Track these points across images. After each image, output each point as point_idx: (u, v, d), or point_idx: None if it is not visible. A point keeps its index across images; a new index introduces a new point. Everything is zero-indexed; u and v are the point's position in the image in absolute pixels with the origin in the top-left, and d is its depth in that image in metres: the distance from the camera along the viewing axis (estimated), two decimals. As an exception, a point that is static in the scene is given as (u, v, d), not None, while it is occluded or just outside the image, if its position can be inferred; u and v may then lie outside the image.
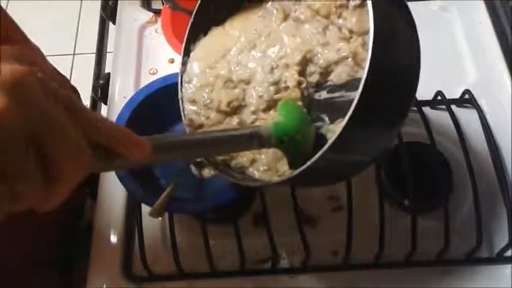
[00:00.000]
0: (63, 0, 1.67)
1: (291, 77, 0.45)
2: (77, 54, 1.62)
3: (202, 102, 0.49)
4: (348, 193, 0.55)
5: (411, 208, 0.55)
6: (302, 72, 0.46)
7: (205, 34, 0.52)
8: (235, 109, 0.48)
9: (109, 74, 0.72)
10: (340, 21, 0.44)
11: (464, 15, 0.73)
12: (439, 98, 0.64)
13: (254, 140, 0.42)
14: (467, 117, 0.64)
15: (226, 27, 0.51)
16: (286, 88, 0.46)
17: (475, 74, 0.68)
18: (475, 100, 0.64)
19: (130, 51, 0.73)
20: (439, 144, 0.60)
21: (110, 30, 0.79)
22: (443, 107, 0.64)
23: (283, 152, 0.44)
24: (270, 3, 0.49)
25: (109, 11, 0.78)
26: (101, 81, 0.72)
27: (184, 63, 0.52)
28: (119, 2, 0.78)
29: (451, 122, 0.61)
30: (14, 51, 0.53)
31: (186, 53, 0.52)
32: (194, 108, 0.50)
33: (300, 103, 0.46)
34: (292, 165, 0.44)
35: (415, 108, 0.64)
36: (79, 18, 1.74)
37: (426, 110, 0.64)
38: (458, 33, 0.72)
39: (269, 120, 0.46)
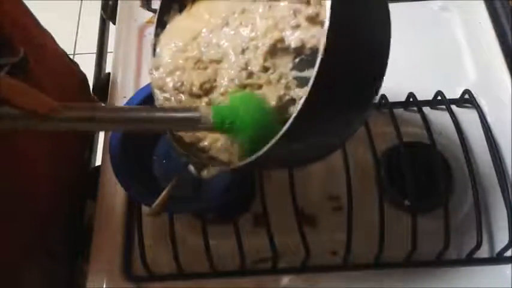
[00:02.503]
0: (63, 0, 1.67)
1: (256, 62, 0.44)
2: (77, 54, 1.62)
3: (172, 86, 0.48)
4: (348, 193, 0.55)
5: (411, 208, 0.55)
6: (273, 54, 0.44)
7: (179, 5, 0.51)
8: (207, 91, 0.47)
9: (109, 74, 0.72)
10: (310, 10, 0.43)
11: (464, 15, 0.73)
12: (439, 98, 0.64)
13: (194, 122, 0.41)
14: (467, 117, 0.64)
15: (193, 11, 0.50)
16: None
17: (475, 74, 0.68)
18: (475, 100, 0.64)
19: (131, 51, 0.73)
20: (439, 144, 0.60)
21: (110, 30, 0.79)
22: (443, 107, 0.64)
23: (230, 137, 0.44)
24: None
25: (109, 11, 0.78)
26: (101, 81, 0.72)
27: (157, 35, 0.51)
28: (119, 2, 0.78)
29: (451, 122, 0.61)
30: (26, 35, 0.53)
31: (160, 25, 0.51)
32: (165, 95, 0.48)
33: (266, 91, 0.44)
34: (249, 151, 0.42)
35: (415, 108, 0.64)
36: (79, 18, 1.74)
37: (426, 110, 0.64)
38: (458, 33, 0.72)
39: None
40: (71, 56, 0.72)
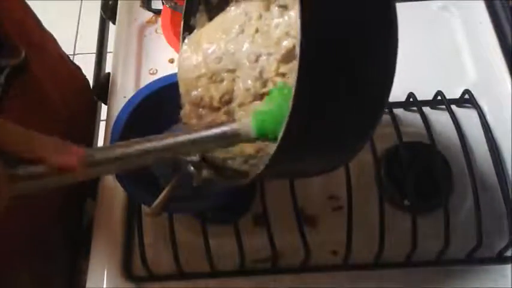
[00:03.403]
0: (63, 0, 1.67)
1: (270, 69, 0.44)
2: (77, 54, 1.62)
3: (191, 102, 0.48)
4: (348, 193, 0.55)
5: (411, 208, 0.55)
6: (287, 61, 0.43)
7: (204, 6, 0.50)
8: (226, 102, 0.47)
9: (109, 74, 0.72)
10: None
11: (464, 15, 0.73)
12: (439, 98, 0.64)
13: (232, 138, 0.40)
14: (467, 117, 0.64)
15: (204, 31, 0.50)
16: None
17: (475, 74, 0.68)
18: (475, 100, 0.64)
19: (131, 51, 0.73)
20: (439, 144, 0.60)
21: (110, 30, 0.79)
22: (443, 107, 0.64)
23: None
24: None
25: (109, 11, 0.78)
26: (101, 81, 0.72)
27: (183, 39, 0.50)
28: (119, 2, 0.78)
29: (451, 122, 0.62)
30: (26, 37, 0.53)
31: (186, 29, 0.50)
32: (185, 109, 0.49)
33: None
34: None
35: (415, 108, 0.64)
36: (79, 18, 1.74)
37: (426, 110, 0.64)
38: (458, 33, 0.72)
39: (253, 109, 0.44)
40: (71, 56, 0.72)
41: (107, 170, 0.42)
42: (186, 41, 0.50)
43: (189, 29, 0.50)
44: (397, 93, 0.63)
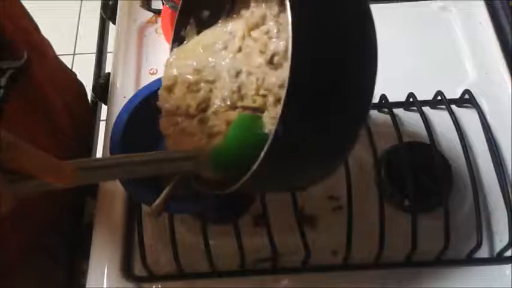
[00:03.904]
0: (63, 0, 1.67)
1: (250, 86, 0.44)
2: (77, 54, 1.62)
3: (168, 112, 0.49)
4: (348, 193, 0.55)
5: (411, 208, 0.55)
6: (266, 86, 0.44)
7: (195, 19, 0.51)
8: (202, 111, 0.48)
9: (109, 74, 0.72)
10: None
11: (464, 15, 0.73)
12: (439, 98, 0.64)
13: (191, 163, 0.44)
14: (467, 117, 0.64)
15: (190, 46, 0.51)
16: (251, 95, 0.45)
17: (475, 74, 0.68)
18: (475, 100, 0.64)
19: (131, 51, 0.73)
20: (439, 144, 0.60)
21: (110, 30, 0.79)
22: (443, 107, 0.64)
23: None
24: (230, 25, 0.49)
25: (109, 11, 0.78)
26: (101, 81, 0.72)
27: (172, 49, 0.51)
28: (119, 2, 0.78)
29: (451, 122, 0.61)
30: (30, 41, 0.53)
31: (177, 39, 0.51)
32: (163, 122, 0.50)
33: (266, 115, 0.44)
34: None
35: (414, 108, 0.64)
36: (79, 18, 1.74)
37: (426, 110, 0.64)
38: (458, 33, 0.72)
39: (231, 116, 0.45)
40: (71, 56, 0.73)
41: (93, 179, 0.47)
42: (174, 50, 0.51)
43: (179, 39, 0.51)
44: (397, 93, 0.64)
